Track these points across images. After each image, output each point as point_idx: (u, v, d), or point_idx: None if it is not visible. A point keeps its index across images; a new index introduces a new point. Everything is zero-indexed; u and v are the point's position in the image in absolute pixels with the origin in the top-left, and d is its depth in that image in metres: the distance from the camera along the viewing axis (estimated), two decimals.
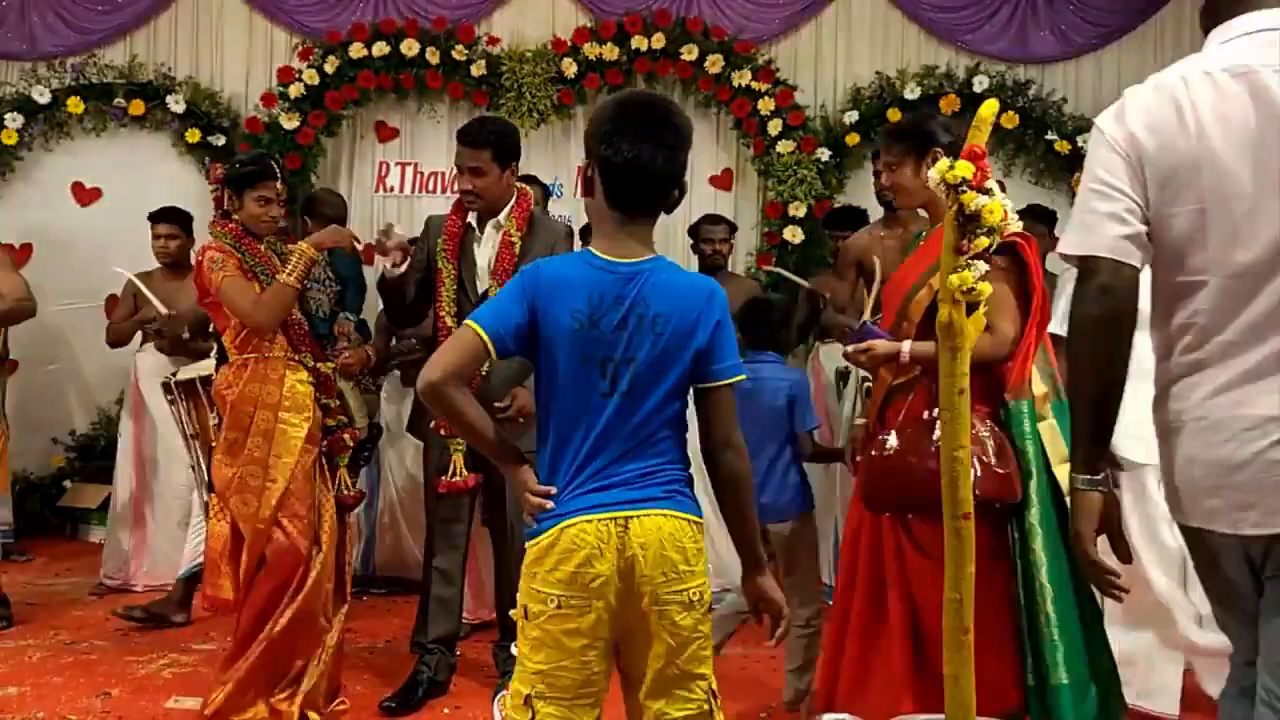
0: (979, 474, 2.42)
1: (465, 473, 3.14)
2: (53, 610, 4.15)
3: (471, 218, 3.24)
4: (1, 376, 4.91)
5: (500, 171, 3.16)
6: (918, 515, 2.53)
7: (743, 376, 1.84)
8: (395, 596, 4.36)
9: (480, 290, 3.20)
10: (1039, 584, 2.52)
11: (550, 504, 1.72)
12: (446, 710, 3.14)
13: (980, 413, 2.53)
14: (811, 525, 3.14)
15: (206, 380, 3.20)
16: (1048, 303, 2.60)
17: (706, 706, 1.76)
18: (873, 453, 2.57)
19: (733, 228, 4.82)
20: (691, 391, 1.82)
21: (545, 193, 4.26)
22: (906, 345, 2.56)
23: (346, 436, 3.07)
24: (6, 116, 5.66)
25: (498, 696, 2.39)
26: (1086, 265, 1.84)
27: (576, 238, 5.14)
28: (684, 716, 1.74)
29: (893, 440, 2.54)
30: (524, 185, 4.02)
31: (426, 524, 3.34)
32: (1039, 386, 2.65)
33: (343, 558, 3.09)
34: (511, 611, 1.78)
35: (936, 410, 2.37)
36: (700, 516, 1.81)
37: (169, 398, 3.45)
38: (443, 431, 3.11)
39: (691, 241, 4.81)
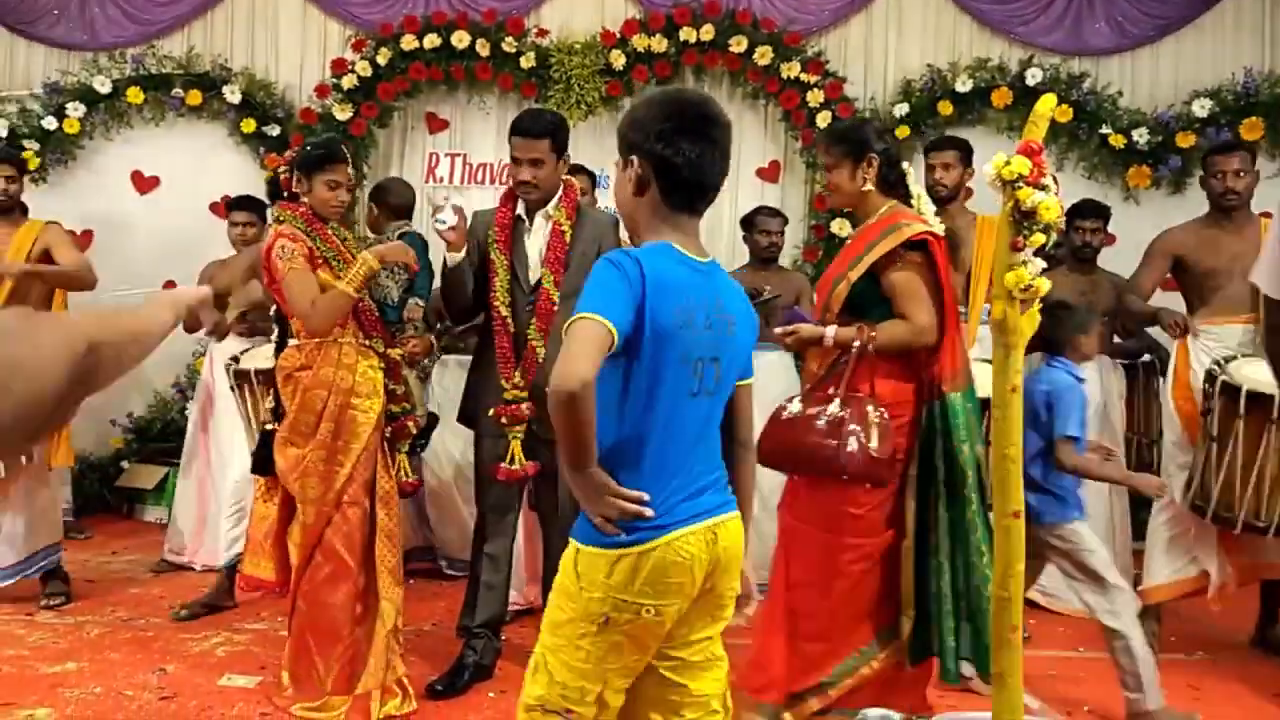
0: (855, 452, 2.59)
1: (524, 461, 3.18)
2: (110, 587, 4.27)
3: (520, 209, 3.27)
4: None
5: (556, 161, 3.20)
6: (796, 479, 2.77)
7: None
8: (433, 580, 4.43)
9: (533, 280, 3.22)
10: (976, 549, 2.74)
11: (650, 512, 1.67)
12: (491, 694, 3.19)
13: (881, 397, 2.70)
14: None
15: (264, 371, 3.25)
16: (954, 300, 2.83)
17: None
18: (780, 414, 2.73)
19: (785, 221, 4.80)
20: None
21: (593, 182, 4.28)
22: (830, 330, 2.74)
23: (410, 424, 3.11)
24: (69, 106, 5.81)
25: None
26: None
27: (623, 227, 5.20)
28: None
29: (795, 406, 2.72)
30: (569, 176, 4.07)
31: (478, 511, 3.37)
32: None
33: (399, 544, 3.13)
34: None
35: (842, 389, 2.66)
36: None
37: (231, 384, 3.52)
38: (504, 420, 3.15)
39: (744, 233, 4.80)
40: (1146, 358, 4.45)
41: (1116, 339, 4.35)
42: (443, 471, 4.42)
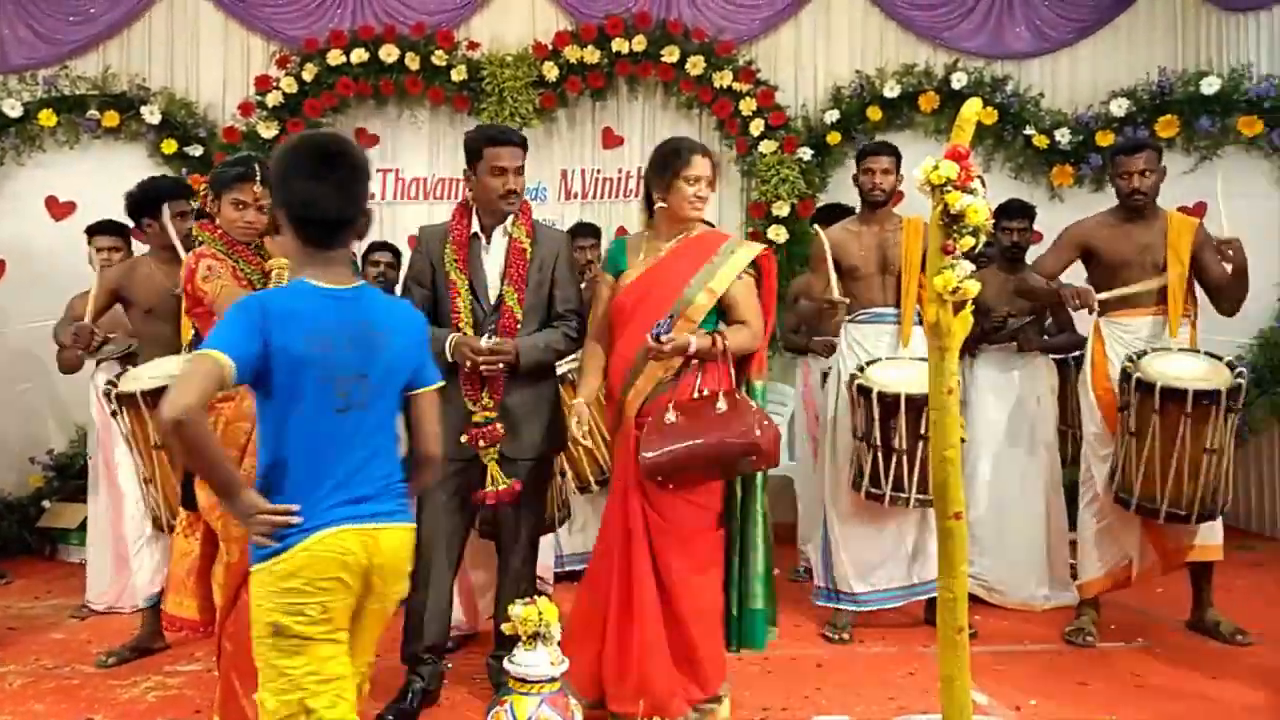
0: (768, 431, 2.89)
1: (506, 481, 3.12)
2: (33, 634, 4.08)
3: (475, 225, 3.21)
4: None
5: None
6: (657, 488, 2.88)
7: (441, 383, 2.08)
8: None
9: (492, 299, 3.17)
10: (758, 520, 3.06)
11: (297, 519, 1.83)
12: None
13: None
14: None
15: (149, 391, 3.12)
16: (773, 308, 3.17)
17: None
18: (666, 427, 2.87)
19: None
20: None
21: (397, 257, 4.36)
22: (694, 339, 2.90)
23: None
24: None
25: (492, 711, 2.37)
26: None
27: None
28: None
29: (673, 415, 2.86)
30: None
31: (422, 534, 3.27)
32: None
33: None
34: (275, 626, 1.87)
35: (707, 391, 2.89)
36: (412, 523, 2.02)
37: (112, 409, 3.37)
38: (481, 443, 3.10)
39: None
40: (1077, 353, 4.53)
41: (1046, 336, 4.43)
42: None
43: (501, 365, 3.11)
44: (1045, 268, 4.00)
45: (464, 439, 3.09)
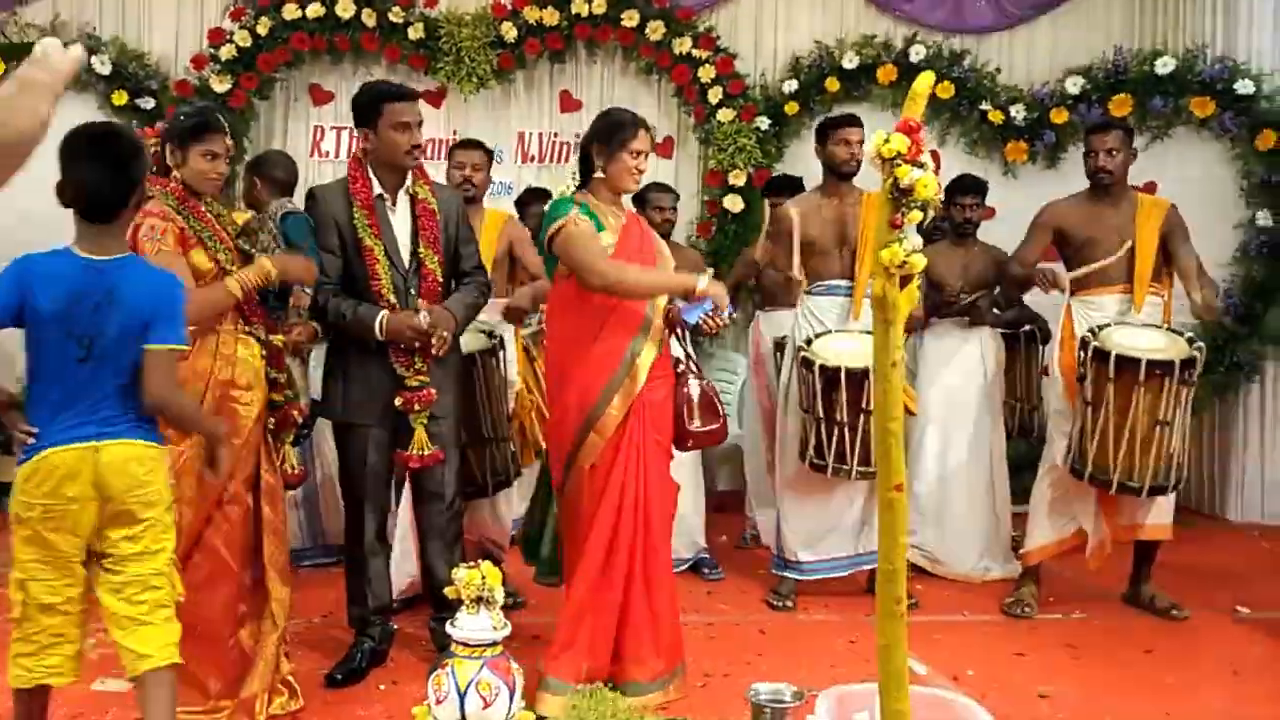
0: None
1: (431, 447, 3.12)
2: None
3: (378, 187, 3.14)
4: None
5: None
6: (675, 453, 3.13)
7: (181, 346, 2.34)
8: (330, 568, 4.32)
9: (407, 261, 3.14)
10: None
11: (32, 439, 2.23)
12: (382, 686, 3.12)
13: None
14: None
15: None
16: None
17: (165, 568, 2.37)
18: (710, 399, 3.15)
19: (677, 197, 4.77)
20: None
21: (489, 159, 4.17)
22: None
23: (294, 412, 2.95)
24: None
25: (433, 674, 2.38)
26: None
27: (512, 204, 5.11)
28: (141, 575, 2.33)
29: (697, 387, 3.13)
30: (468, 151, 3.97)
31: (352, 501, 3.26)
32: None
33: (286, 541, 3.01)
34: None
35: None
36: (156, 442, 2.34)
37: None
38: (416, 407, 3.08)
39: (637, 209, 4.76)
40: (1026, 328, 4.60)
41: (996, 310, 4.49)
42: (330, 461, 4.30)
43: (447, 339, 3.10)
44: (1024, 257, 4.02)
45: (398, 402, 3.08)
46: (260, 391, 2.83)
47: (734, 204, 5.54)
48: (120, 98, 5.52)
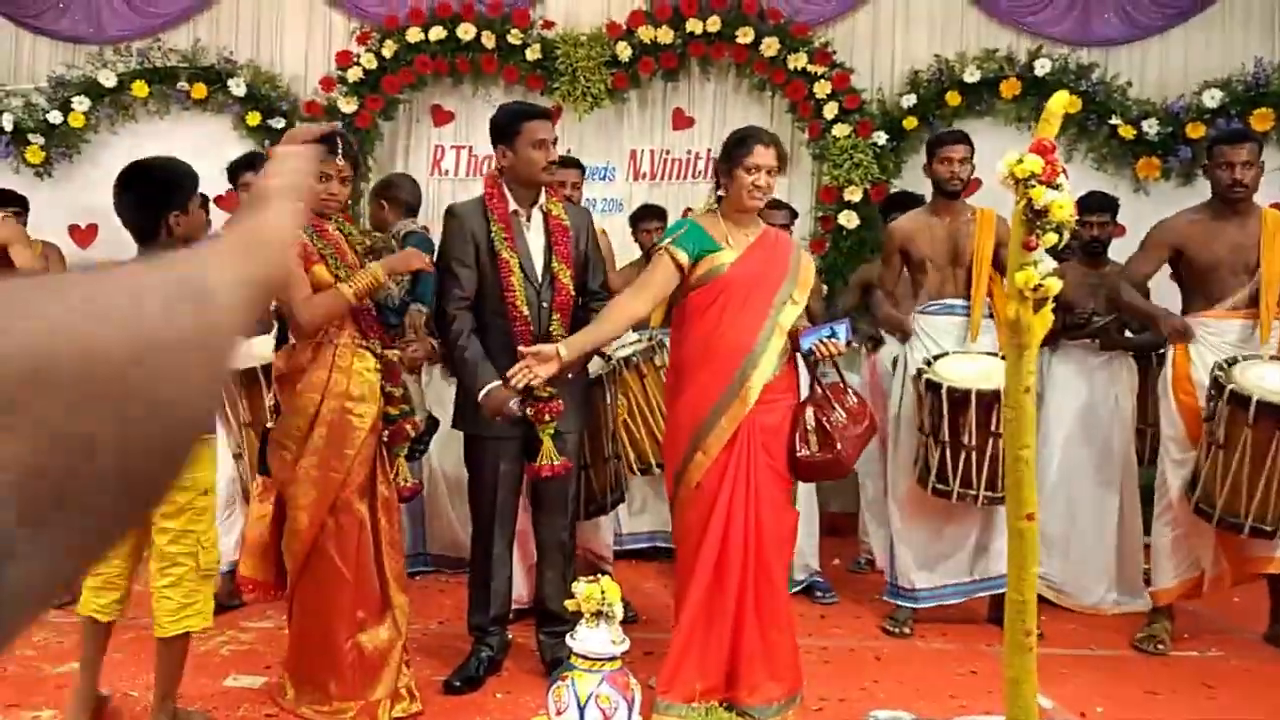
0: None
1: (559, 456, 3.16)
2: None
3: (513, 203, 3.21)
4: None
5: None
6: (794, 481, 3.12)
7: None
8: (445, 576, 4.42)
9: (540, 276, 3.20)
10: None
11: None
12: (499, 695, 3.17)
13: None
14: None
15: (267, 367, 3.20)
16: None
17: (193, 548, 2.67)
18: (844, 418, 3.08)
19: (793, 213, 4.72)
20: None
21: (582, 175, 4.27)
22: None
23: (408, 426, 3.03)
24: (74, 100, 5.79)
25: (553, 687, 2.41)
26: None
27: (627, 221, 5.16)
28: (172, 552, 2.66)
29: (841, 414, 3.08)
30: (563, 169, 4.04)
31: (478, 513, 3.32)
32: None
33: (402, 550, 3.12)
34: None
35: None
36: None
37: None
38: (547, 417, 3.12)
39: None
40: (1160, 351, 4.41)
41: (1129, 333, 4.31)
42: (437, 474, 4.42)
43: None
44: (1136, 272, 3.85)
45: (529, 413, 3.12)
46: (374, 404, 2.90)
47: (849, 220, 5.47)
48: (254, 118, 5.79)
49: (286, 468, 2.87)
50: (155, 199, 2.56)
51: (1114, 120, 5.44)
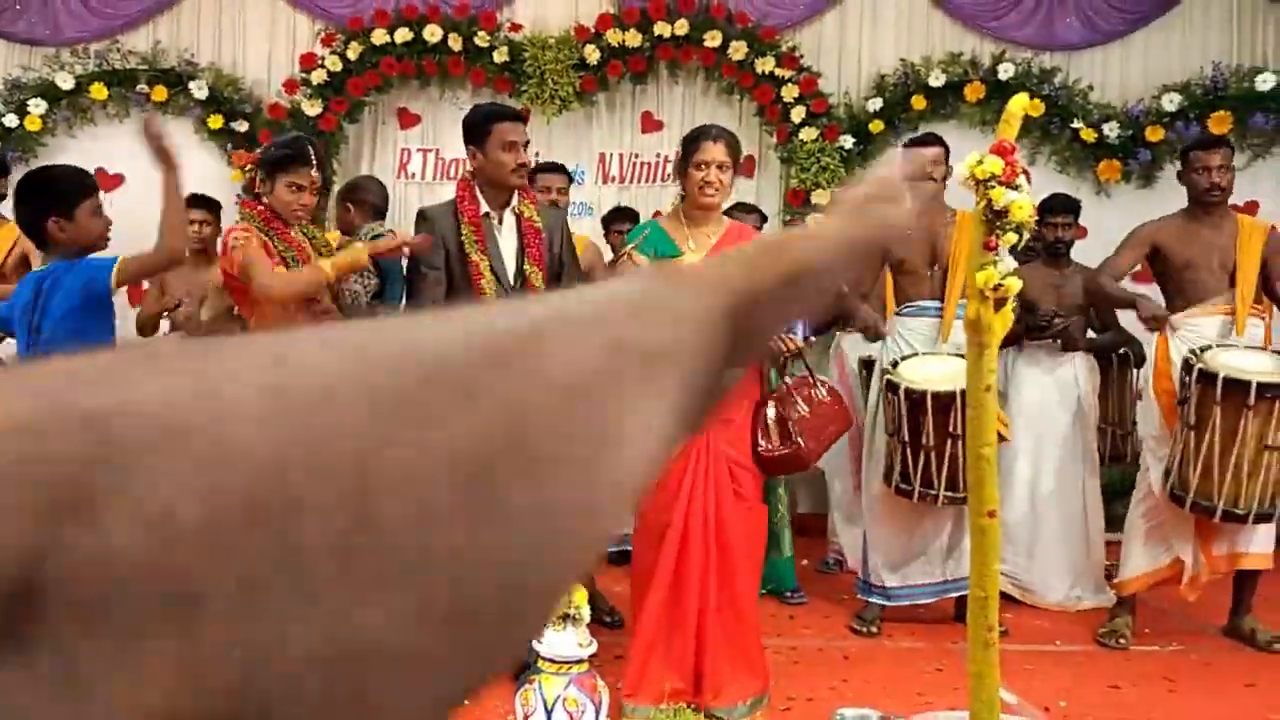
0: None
1: None
2: None
3: (485, 205, 3.19)
4: None
5: None
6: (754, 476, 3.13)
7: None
8: None
9: (512, 279, 3.18)
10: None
11: None
12: (465, 701, 3.15)
13: None
14: None
15: None
16: None
17: None
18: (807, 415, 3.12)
19: (763, 217, 4.70)
20: None
21: (569, 181, 4.21)
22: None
23: None
24: (30, 102, 5.70)
25: (520, 690, 2.40)
26: None
27: (598, 223, 5.17)
28: None
29: (804, 407, 3.14)
30: (548, 174, 4.05)
31: None
32: None
33: None
34: None
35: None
36: None
37: None
38: None
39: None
40: (1121, 351, 4.48)
41: (1091, 334, 4.37)
42: None
43: None
44: (1116, 267, 3.91)
45: None
46: None
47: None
48: (216, 121, 5.72)
49: None
50: (37, 204, 2.62)
51: (1076, 124, 5.51)
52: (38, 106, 5.70)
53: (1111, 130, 5.48)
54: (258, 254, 2.76)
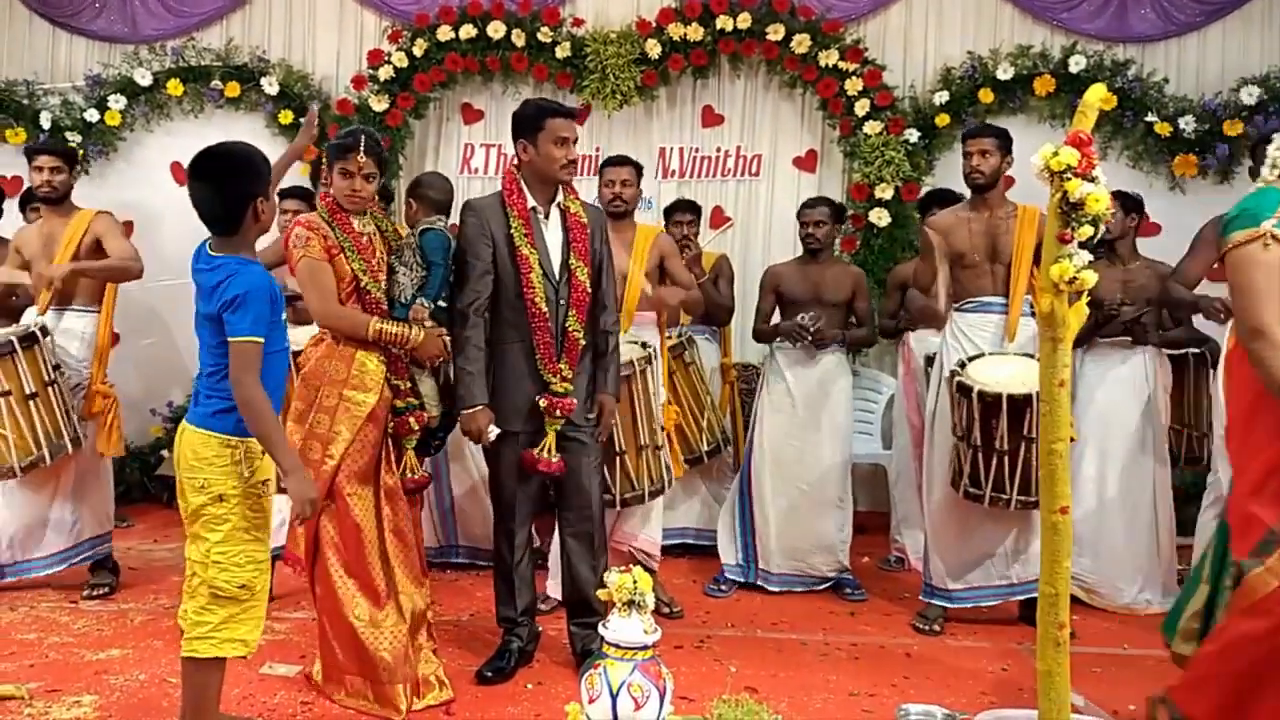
0: None
1: (556, 455, 3.18)
2: (153, 575, 4.33)
3: (532, 200, 3.21)
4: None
5: None
6: None
7: (246, 338, 2.39)
8: (479, 570, 4.45)
9: (557, 272, 3.20)
10: None
11: None
12: (529, 685, 3.19)
13: None
14: None
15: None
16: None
17: (203, 559, 2.47)
18: None
19: (838, 210, 4.55)
20: None
21: (639, 173, 4.19)
22: None
23: (412, 420, 3.04)
24: (110, 98, 5.89)
25: (585, 675, 2.42)
26: None
27: (660, 216, 5.18)
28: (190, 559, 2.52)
29: None
30: (618, 168, 4.06)
31: (501, 505, 3.33)
32: None
33: (419, 536, 3.13)
34: None
35: None
36: (218, 432, 2.46)
37: None
38: (558, 412, 3.15)
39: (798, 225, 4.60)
40: (1196, 350, 4.36)
41: (1163, 330, 4.26)
42: (472, 468, 4.45)
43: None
44: (1189, 274, 3.81)
45: (543, 404, 3.16)
46: (374, 395, 2.95)
47: (879, 218, 5.45)
48: (286, 117, 5.85)
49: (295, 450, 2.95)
50: (228, 186, 2.44)
51: (1150, 117, 5.37)
52: (117, 102, 5.88)
53: (1187, 124, 5.33)
54: (310, 266, 2.91)
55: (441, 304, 3.16)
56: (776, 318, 4.43)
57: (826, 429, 4.27)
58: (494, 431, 3.12)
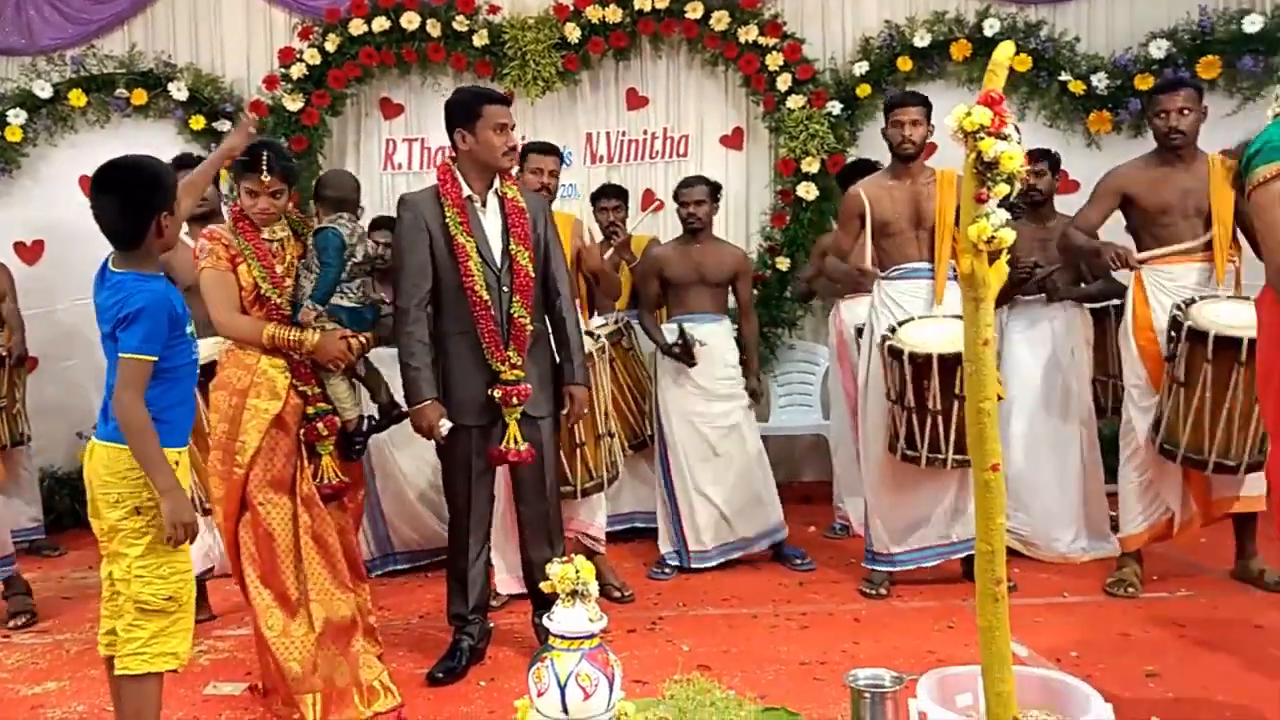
0: None
1: (524, 443, 3.15)
2: (87, 604, 4.19)
3: (465, 188, 3.17)
4: (22, 375, 4.94)
5: None
6: None
7: (134, 356, 2.34)
8: (425, 572, 4.40)
9: (499, 260, 3.15)
10: None
11: None
12: (481, 683, 3.16)
13: None
14: None
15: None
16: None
17: (125, 575, 2.40)
18: None
19: (715, 188, 4.46)
20: None
21: (560, 160, 4.16)
22: None
23: (320, 425, 2.97)
24: (9, 113, 5.67)
25: (533, 667, 2.40)
26: None
27: (586, 203, 5.14)
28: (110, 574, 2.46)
29: None
30: (542, 155, 4.02)
31: (456, 501, 3.28)
32: None
33: (348, 541, 3.06)
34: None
35: None
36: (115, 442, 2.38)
37: None
38: (514, 401, 3.11)
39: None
40: (1115, 301, 4.45)
41: (1083, 284, 4.35)
42: (394, 470, 4.41)
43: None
44: (1087, 220, 3.88)
45: (496, 395, 3.11)
46: (276, 402, 2.90)
47: (808, 192, 5.47)
48: (198, 122, 5.69)
49: (209, 464, 2.95)
50: (132, 201, 2.36)
51: (1063, 76, 5.46)
52: (17, 116, 5.66)
53: (1100, 81, 5.43)
54: (212, 277, 2.91)
55: (352, 304, 3.08)
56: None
57: (725, 391, 4.29)
58: (446, 426, 3.07)
